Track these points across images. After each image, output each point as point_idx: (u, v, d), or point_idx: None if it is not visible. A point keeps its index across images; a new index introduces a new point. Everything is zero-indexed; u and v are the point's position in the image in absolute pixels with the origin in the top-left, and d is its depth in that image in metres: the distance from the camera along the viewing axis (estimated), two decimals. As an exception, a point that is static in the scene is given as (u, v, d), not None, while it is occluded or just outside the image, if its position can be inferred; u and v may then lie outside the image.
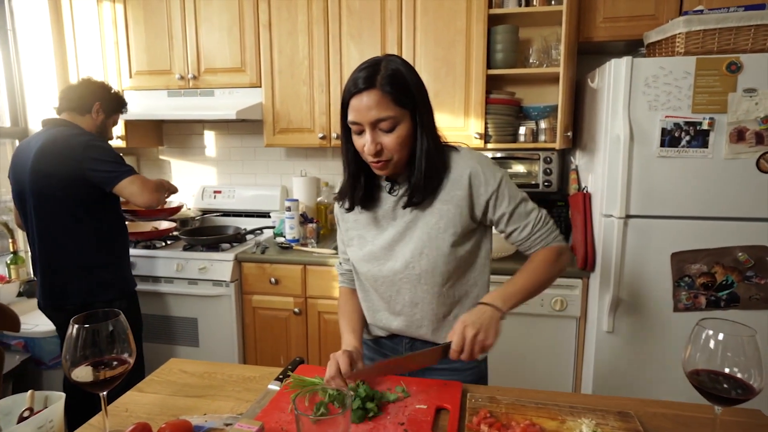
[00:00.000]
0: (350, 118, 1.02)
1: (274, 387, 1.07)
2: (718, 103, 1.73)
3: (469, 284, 1.16)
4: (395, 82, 0.99)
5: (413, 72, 1.04)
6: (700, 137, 1.76)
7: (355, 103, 1.00)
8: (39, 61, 2.68)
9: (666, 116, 1.77)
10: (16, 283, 2.55)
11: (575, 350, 2.09)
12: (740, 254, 1.79)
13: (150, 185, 1.89)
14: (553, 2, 2.21)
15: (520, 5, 2.25)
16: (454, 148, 1.13)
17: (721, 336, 0.79)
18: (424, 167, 1.04)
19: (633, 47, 2.27)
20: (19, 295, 2.54)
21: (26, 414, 0.75)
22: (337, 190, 1.22)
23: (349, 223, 1.20)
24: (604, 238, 1.89)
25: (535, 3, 2.24)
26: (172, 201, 2.59)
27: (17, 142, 2.70)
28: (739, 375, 0.79)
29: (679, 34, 1.83)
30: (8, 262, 2.57)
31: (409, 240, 1.11)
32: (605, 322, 1.90)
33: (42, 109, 2.71)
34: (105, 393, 0.85)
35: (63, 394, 0.77)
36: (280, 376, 1.11)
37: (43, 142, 1.83)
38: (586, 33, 2.20)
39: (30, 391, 0.77)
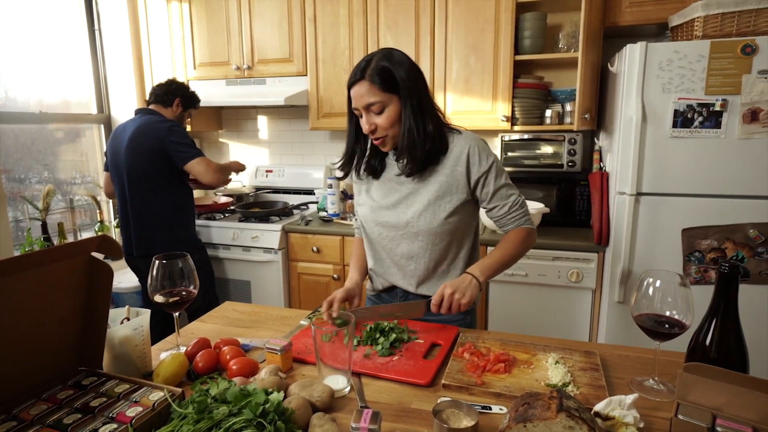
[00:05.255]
0: (352, 104, 1.25)
1: (304, 322, 1.34)
2: (732, 85, 1.80)
3: (458, 247, 1.35)
4: (381, 73, 1.19)
5: (405, 64, 1.22)
6: (712, 118, 1.83)
7: (352, 92, 1.23)
8: (119, 56, 3.08)
9: (679, 98, 1.85)
10: (102, 247, 3.01)
11: (590, 320, 2.23)
12: (751, 231, 1.86)
13: (213, 167, 2.26)
14: (579, -12, 2.29)
15: (548, -8, 2.35)
16: (457, 131, 1.32)
17: (658, 283, 0.96)
18: (406, 142, 1.24)
19: (664, 31, 2.31)
20: (105, 258, 2.99)
21: (124, 321, 1.05)
22: None
23: (362, 185, 1.41)
24: (618, 214, 2.01)
25: (562, -11, 2.34)
26: (233, 178, 2.93)
27: (102, 127, 3.13)
28: (675, 315, 0.95)
29: (698, 18, 1.89)
30: (96, 229, 3.01)
31: (412, 203, 1.31)
32: (616, 293, 2.03)
33: (122, 97, 3.12)
34: (177, 314, 1.14)
35: (149, 310, 1.06)
36: (310, 316, 1.37)
37: (137, 126, 2.26)
38: (612, 18, 2.28)
39: (127, 306, 1.07)
